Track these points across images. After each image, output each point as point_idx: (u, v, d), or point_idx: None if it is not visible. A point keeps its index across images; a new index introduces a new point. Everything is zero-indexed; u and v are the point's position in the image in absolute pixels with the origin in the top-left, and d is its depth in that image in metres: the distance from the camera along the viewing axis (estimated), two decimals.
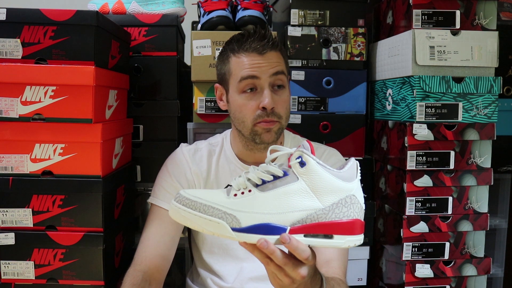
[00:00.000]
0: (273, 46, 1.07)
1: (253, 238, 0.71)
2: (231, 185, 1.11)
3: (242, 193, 0.73)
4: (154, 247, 1.08)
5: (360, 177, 0.76)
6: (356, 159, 1.40)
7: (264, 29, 1.09)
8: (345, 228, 0.72)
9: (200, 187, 1.14)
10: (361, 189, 0.76)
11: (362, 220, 0.74)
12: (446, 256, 1.29)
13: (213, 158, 1.16)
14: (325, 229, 0.72)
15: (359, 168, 0.76)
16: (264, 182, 0.74)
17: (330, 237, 0.72)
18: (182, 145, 1.20)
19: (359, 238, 0.74)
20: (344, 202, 0.73)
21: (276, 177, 0.74)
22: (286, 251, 0.73)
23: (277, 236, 0.71)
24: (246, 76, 1.05)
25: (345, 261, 1.09)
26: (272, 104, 1.03)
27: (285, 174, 0.74)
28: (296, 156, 0.74)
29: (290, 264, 0.72)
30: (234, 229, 0.71)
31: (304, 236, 0.72)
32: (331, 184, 0.73)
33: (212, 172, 1.15)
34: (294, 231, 0.71)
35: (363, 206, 0.75)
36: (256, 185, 0.74)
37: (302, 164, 0.73)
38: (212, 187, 1.14)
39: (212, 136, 1.23)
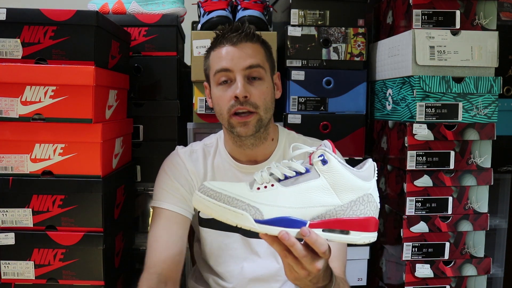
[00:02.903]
0: (248, 37, 1.07)
1: (275, 230, 0.73)
2: None
3: (265, 187, 0.76)
4: (164, 248, 1.06)
5: (376, 177, 0.78)
6: (356, 159, 1.42)
7: (243, 23, 1.10)
8: (361, 225, 0.75)
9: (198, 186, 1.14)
10: (377, 188, 0.78)
11: (377, 218, 0.77)
12: (446, 256, 1.29)
13: (208, 159, 1.15)
14: (343, 225, 0.75)
15: (376, 168, 0.79)
16: (286, 177, 0.77)
17: (347, 232, 0.75)
18: (178, 147, 1.19)
19: (374, 235, 0.76)
20: (361, 200, 0.75)
21: (298, 173, 0.77)
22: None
23: (298, 229, 0.74)
24: (220, 69, 1.05)
25: (344, 260, 1.10)
26: (244, 92, 1.03)
27: (307, 171, 0.77)
28: (318, 154, 0.76)
29: (308, 257, 0.75)
30: (256, 221, 0.73)
31: (322, 230, 0.74)
32: (351, 183, 0.75)
33: (208, 174, 1.14)
34: (313, 225, 0.74)
35: (379, 205, 0.78)
36: (279, 180, 0.77)
37: (324, 162, 0.76)
38: None
39: (207, 137, 1.23)
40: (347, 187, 0.75)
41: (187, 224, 1.12)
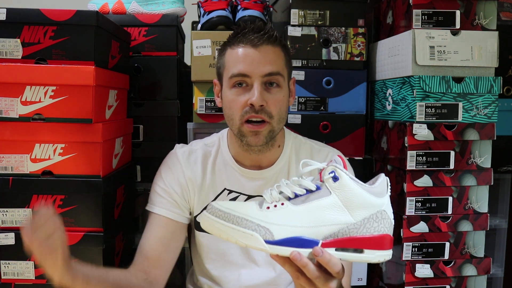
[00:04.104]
0: (270, 40, 1.01)
1: (286, 250, 0.72)
2: (227, 189, 1.11)
3: (275, 206, 0.74)
4: (149, 251, 1.06)
5: (390, 193, 0.76)
6: (356, 159, 1.42)
7: (264, 23, 1.04)
8: (376, 243, 0.73)
9: (195, 192, 1.11)
10: (390, 204, 0.76)
11: (392, 235, 0.75)
12: (446, 256, 1.29)
13: (209, 161, 1.12)
14: (356, 244, 0.73)
15: (389, 183, 0.77)
16: (297, 195, 0.75)
17: (361, 251, 0.73)
18: (177, 146, 1.16)
19: (389, 253, 0.75)
20: (375, 217, 0.74)
21: (308, 191, 0.75)
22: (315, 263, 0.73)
23: (310, 249, 0.72)
24: (237, 73, 1.00)
25: (350, 274, 1.08)
26: (261, 101, 0.98)
27: (318, 188, 0.75)
28: (329, 171, 0.74)
29: (322, 278, 0.72)
30: (267, 242, 0.72)
31: (335, 250, 0.73)
32: (363, 199, 0.73)
33: (207, 177, 1.11)
34: (325, 245, 0.72)
35: (393, 221, 0.76)
36: (289, 198, 0.75)
37: (335, 178, 0.74)
38: (208, 192, 1.10)
39: (208, 136, 1.19)
40: (359, 204, 0.73)
41: (179, 228, 1.10)
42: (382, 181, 0.76)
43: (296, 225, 0.72)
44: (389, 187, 0.76)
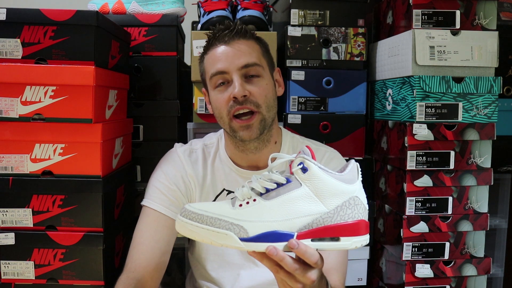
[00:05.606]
0: (240, 34, 1.03)
1: (262, 246, 0.72)
2: (226, 190, 1.11)
3: (247, 202, 0.74)
4: (149, 253, 1.02)
5: (361, 178, 0.77)
6: (356, 159, 1.42)
7: (233, 21, 1.06)
8: (351, 229, 0.73)
9: (196, 191, 1.10)
10: (363, 190, 0.77)
11: (367, 220, 0.76)
12: (446, 256, 1.29)
13: (208, 161, 1.12)
14: (332, 232, 0.73)
15: (359, 169, 0.77)
16: (268, 190, 0.75)
17: (337, 239, 0.73)
18: (177, 145, 1.15)
19: (365, 239, 0.75)
20: (348, 204, 0.74)
21: (279, 185, 0.75)
22: (294, 256, 0.73)
23: (285, 243, 0.72)
24: (215, 72, 1.02)
25: (344, 272, 1.06)
26: (242, 91, 0.99)
27: (288, 181, 0.75)
28: (297, 163, 0.75)
29: (300, 270, 0.73)
30: (242, 239, 0.72)
31: (311, 240, 0.73)
32: (334, 188, 0.74)
33: (208, 177, 1.10)
34: (301, 236, 0.73)
35: (367, 206, 0.76)
36: (260, 194, 0.75)
37: (304, 170, 0.74)
38: (208, 191, 1.10)
39: (207, 135, 1.19)
40: (331, 192, 0.73)
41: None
42: (352, 168, 0.77)
43: (270, 220, 0.72)
44: (360, 172, 0.77)
